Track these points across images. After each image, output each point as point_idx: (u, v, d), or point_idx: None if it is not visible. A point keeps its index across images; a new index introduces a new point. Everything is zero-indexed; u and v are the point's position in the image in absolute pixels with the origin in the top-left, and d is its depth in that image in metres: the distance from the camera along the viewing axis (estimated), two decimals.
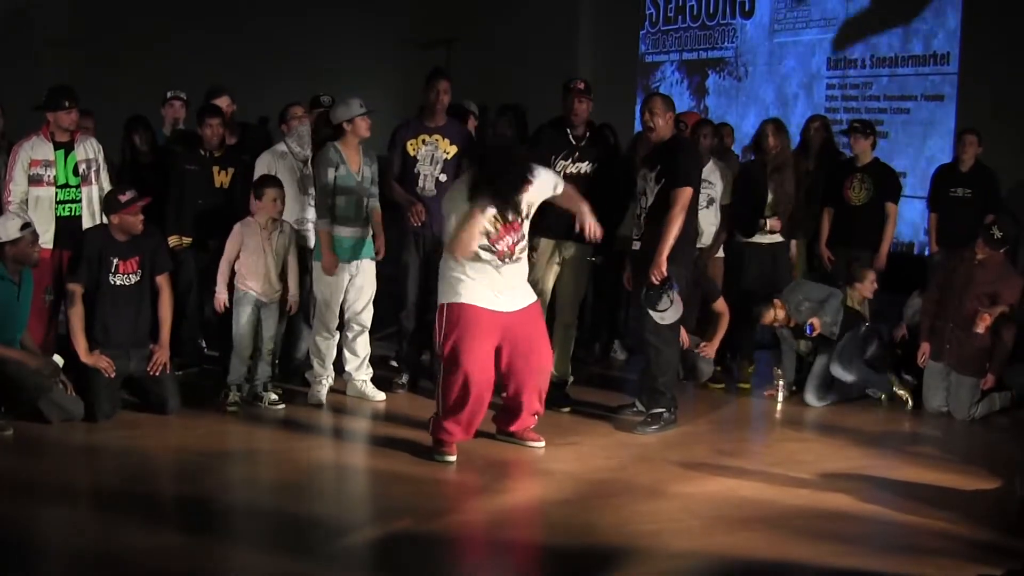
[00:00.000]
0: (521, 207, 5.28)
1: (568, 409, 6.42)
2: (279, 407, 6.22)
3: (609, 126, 7.18)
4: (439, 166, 6.49)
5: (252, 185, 6.40)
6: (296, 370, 6.77)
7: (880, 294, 7.24)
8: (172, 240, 6.68)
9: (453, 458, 5.33)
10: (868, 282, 7.10)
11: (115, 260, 5.94)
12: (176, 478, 5.10)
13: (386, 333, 7.15)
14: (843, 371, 6.75)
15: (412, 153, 6.52)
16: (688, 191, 5.84)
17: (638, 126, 7.96)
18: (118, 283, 5.96)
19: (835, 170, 7.65)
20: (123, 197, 5.94)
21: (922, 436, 6.44)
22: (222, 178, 6.78)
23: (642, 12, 12.90)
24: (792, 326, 6.83)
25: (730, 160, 7.56)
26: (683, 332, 6.40)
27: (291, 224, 6.41)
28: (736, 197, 7.12)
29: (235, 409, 6.10)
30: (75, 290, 5.89)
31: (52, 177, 6.27)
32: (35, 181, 6.25)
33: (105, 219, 6.06)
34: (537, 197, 5.36)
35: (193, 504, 4.79)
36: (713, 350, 6.91)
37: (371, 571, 4.29)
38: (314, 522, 4.60)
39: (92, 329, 5.90)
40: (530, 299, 5.45)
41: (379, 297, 6.46)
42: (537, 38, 11.60)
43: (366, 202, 6.29)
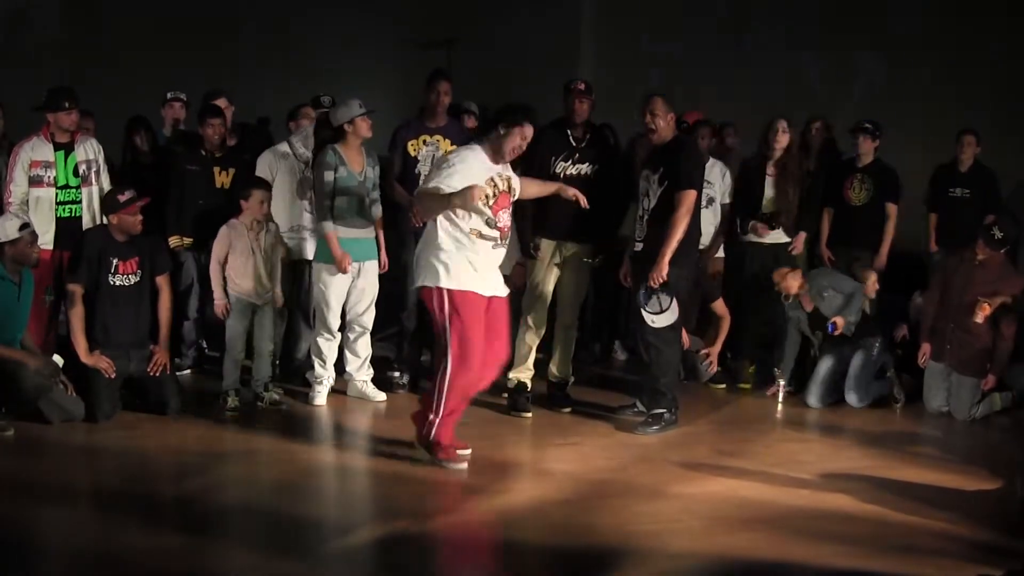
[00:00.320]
0: (509, 172, 5.21)
1: (569, 409, 6.43)
2: (281, 406, 6.22)
3: (609, 126, 7.16)
4: None
5: (239, 184, 6.39)
6: (297, 371, 6.78)
7: (880, 294, 7.23)
8: (173, 240, 6.68)
9: (464, 466, 5.20)
10: (870, 283, 7.10)
11: (115, 260, 5.94)
12: (176, 478, 5.10)
13: (387, 334, 7.15)
14: (858, 400, 6.72)
15: (413, 153, 6.52)
16: (692, 194, 5.83)
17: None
18: (118, 283, 5.96)
19: (835, 170, 7.64)
20: (122, 197, 5.95)
21: (923, 436, 6.44)
22: (223, 179, 6.78)
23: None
24: (811, 311, 6.81)
25: (731, 160, 7.55)
26: (684, 333, 6.40)
27: (276, 224, 6.38)
28: (736, 196, 7.13)
29: (234, 414, 6.10)
30: (75, 290, 5.89)
31: (52, 178, 6.27)
32: (35, 182, 6.25)
33: (105, 219, 6.06)
34: (520, 183, 5.32)
35: (193, 504, 4.79)
36: (715, 355, 6.90)
37: (371, 571, 4.29)
38: (314, 522, 4.60)
39: (92, 329, 5.91)
40: (505, 291, 5.33)
41: (380, 297, 6.46)
42: (538, 38, 11.58)
43: (368, 203, 6.29)
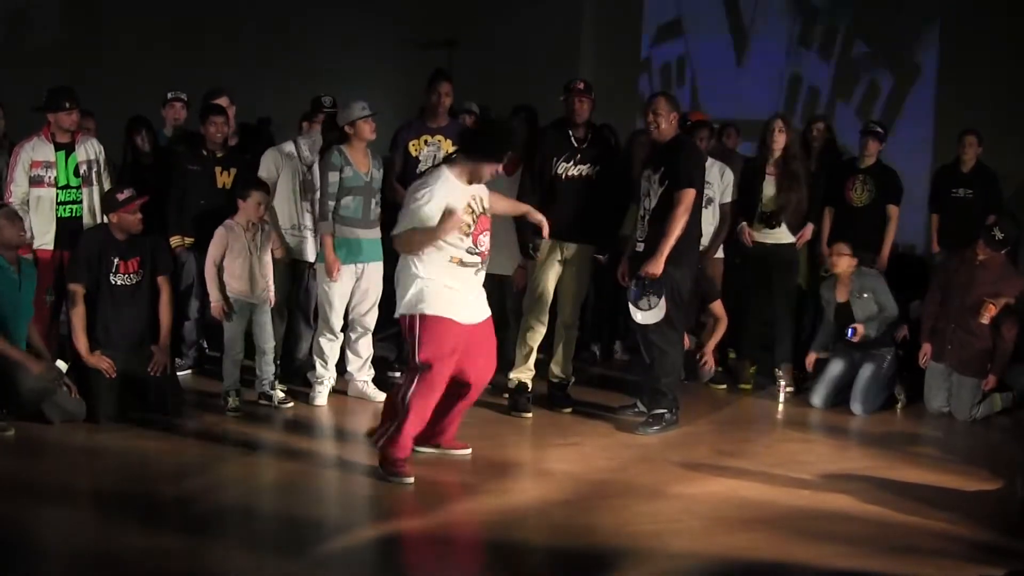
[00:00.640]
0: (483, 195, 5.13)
1: (569, 409, 6.43)
2: (288, 404, 6.23)
3: (609, 126, 7.16)
4: None
5: (239, 184, 6.38)
6: (298, 371, 6.78)
7: None
8: (174, 240, 6.67)
9: (412, 479, 5.02)
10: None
11: (116, 260, 5.94)
12: (176, 478, 5.09)
13: (387, 334, 7.14)
14: (863, 410, 6.69)
15: (414, 154, 6.52)
16: (691, 192, 5.84)
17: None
18: (119, 283, 5.96)
19: (836, 171, 7.63)
20: (120, 196, 5.95)
21: (923, 437, 6.44)
22: (224, 178, 6.77)
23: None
24: (842, 302, 6.82)
25: (734, 160, 7.54)
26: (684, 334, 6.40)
27: (270, 224, 6.35)
28: (739, 196, 7.13)
29: (234, 414, 6.10)
30: (76, 290, 5.89)
31: (53, 178, 6.27)
32: (36, 182, 6.25)
33: (105, 219, 6.06)
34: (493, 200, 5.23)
35: (193, 504, 4.79)
36: (709, 353, 6.87)
37: (371, 572, 4.29)
38: (314, 523, 4.60)
39: (93, 329, 5.90)
40: (487, 312, 5.25)
41: (381, 298, 6.45)
42: (538, 38, 11.56)
43: (374, 204, 6.29)
